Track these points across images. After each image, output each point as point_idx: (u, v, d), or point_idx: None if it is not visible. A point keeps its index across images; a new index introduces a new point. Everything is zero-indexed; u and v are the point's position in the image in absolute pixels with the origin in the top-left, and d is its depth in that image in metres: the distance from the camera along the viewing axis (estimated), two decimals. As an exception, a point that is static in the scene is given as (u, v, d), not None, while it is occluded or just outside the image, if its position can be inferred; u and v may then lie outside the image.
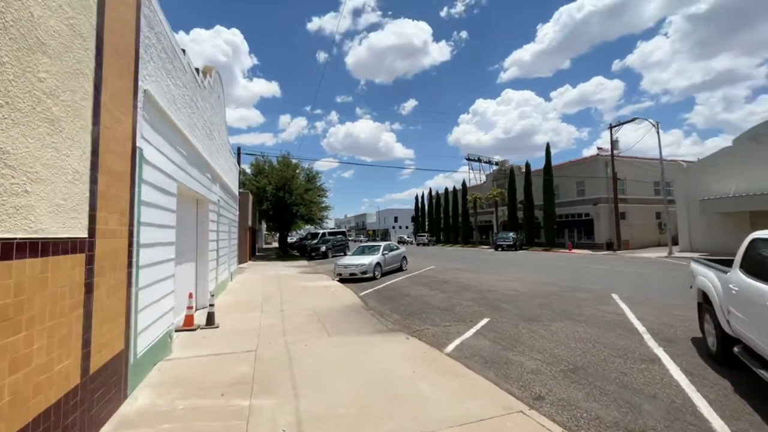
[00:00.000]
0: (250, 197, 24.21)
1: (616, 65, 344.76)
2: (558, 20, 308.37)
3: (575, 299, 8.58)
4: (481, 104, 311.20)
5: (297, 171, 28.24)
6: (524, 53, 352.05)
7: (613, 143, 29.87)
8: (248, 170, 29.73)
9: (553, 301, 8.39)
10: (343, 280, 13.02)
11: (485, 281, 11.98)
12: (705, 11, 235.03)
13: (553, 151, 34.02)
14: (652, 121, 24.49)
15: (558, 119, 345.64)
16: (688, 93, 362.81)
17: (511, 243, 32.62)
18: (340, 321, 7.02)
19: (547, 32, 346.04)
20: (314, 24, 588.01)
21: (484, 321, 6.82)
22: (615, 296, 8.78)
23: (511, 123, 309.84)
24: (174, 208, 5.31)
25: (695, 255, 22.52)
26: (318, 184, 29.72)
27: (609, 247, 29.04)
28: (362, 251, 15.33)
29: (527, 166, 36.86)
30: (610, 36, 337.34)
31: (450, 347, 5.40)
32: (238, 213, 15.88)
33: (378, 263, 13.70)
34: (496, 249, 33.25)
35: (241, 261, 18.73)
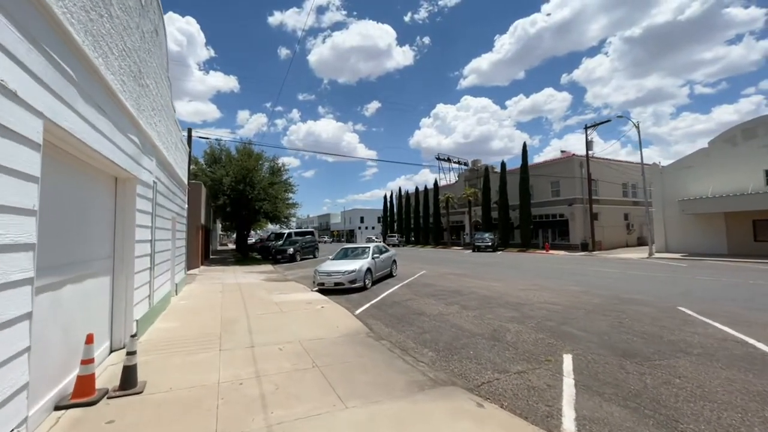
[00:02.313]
0: (203, 190, 20.48)
1: (564, 79, 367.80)
2: (514, 33, 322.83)
3: (645, 317, 6.68)
4: (441, 109, 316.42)
5: (260, 162, 24.74)
6: (483, 62, 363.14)
7: (588, 144, 29.75)
8: (201, 160, 25.72)
9: (623, 321, 6.40)
10: (324, 291, 10.36)
11: (503, 291, 9.90)
12: (639, 35, 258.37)
13: (507, 157, 33.75)
14: (634, 121, 24.26)
15: (513, 126, 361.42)
16: (625, 107, 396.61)
17: (489, 244, 31.58)
18: (350, 366, 4.48)
19: (504, 43, 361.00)
20: (276, 18, 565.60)
21: (567, 360, 4.62)
22: (687, 310, 7.03)
23: (470, 128, 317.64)
24: (34, 173, 2.50)
25: (675, 255, 22.47)
26: (284, 178, 26.39)
27: (584, 247, 28.73)
28: (345, 254, 12.68)
29: (503, 165, 36.05)
30: (560, 51, 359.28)
31: (569, 426, 3.10)
32: (187, 206, 12.55)
33: (368, 269, 11.14)
34: (474, 250, 31.98)
35: (191, 266, 15.26)
